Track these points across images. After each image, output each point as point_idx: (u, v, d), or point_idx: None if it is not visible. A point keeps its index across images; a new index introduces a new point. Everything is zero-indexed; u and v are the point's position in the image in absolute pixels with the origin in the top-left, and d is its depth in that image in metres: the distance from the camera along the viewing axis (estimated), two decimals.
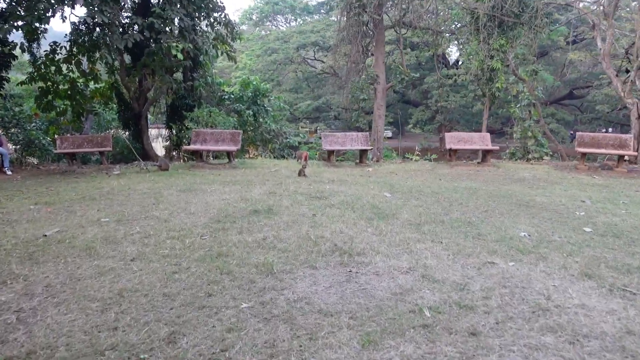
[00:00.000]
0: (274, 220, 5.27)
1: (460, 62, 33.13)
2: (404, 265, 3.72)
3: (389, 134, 46.56)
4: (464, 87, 29.68)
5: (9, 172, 10.86)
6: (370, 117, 36.31)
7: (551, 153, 17.07)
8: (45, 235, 4.65)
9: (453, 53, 39.29)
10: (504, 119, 33.29)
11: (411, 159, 13.68)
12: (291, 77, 40.15)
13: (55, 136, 11.59)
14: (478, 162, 12.17)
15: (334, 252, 4.07)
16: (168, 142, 16.09)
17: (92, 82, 14.87)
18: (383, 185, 8.12)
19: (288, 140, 18.06)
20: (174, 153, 16.17)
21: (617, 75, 13.42)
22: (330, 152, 11.58)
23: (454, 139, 12.14)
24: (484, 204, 6.54)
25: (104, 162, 11.56)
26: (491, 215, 5.76)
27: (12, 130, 15.23)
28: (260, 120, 17.57)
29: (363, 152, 11.63)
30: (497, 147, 12.59)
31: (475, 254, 4.03)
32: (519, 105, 15.80)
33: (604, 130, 32.85)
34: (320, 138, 18.13)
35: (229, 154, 11.09)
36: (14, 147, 15.79)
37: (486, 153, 12.00)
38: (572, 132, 37.85)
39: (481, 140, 12.17)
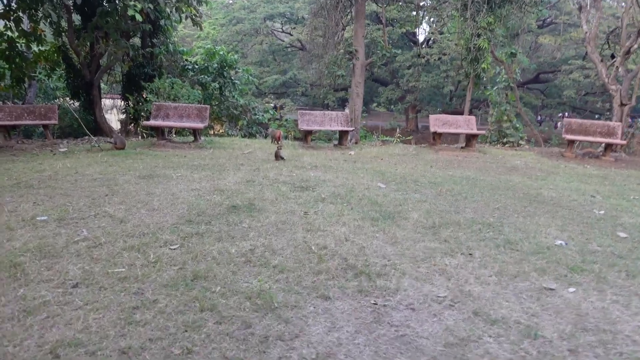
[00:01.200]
0: (259, 221, 4.30)
1: (430, 41, 32.52)
2: (442, 293, 2.88)
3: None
4: (436, 67, 29.13)
5: None
6: (339, 95, 35.35)
7: (526, 138, 16.75)
8: None
9: (422, 32, 38.66)
10: (475, 101, 33.23)
11: (391, 142, 12.89)
12: (257, 49, 38.28)
13: None
14: (461, 147, 11.54)
15: (347, 272, 3.16)
16: (124, 115, 14.53)
17: (36, 44, 13.07)
18: (372, 174, 7.25)
19: (257, 116, 16.83)
20: (131, 127, 14.68)
21: (601, 61, 13.03)
22: (308, 133, 10.59)
23: (439, 122, 11.40)
24: (491, 198, 5.80)
25: (49, 137, 10.08)
26: (507, 214, 5.02)
27: None
28: (227, 94, 16.24)
29: (343, 134, 10.70)
30: (483, 132, 11.99)
31: (523, 275, 3.23)
32: (495, 87, 15.29)
33: (567, 115, 33.37)
34: (280, 113, 17.21)
35: (195, 132, 9.88)
36: None
37: (471, 137, 11.37)
38: (540, 116, 38.41)
39: (466, 124, 11.50)
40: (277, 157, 7.99)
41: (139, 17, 10.84)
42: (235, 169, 7.00)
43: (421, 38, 36.60)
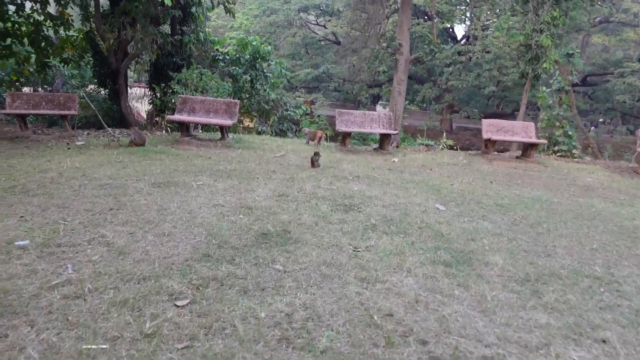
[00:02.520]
0: (296, 260, 3.28)
1: (470, 38, 30.78)
2: None
3: (386, 108, 44.57)
4: (478, 66, 27.45)
5: None
6: (373, 91, 34.06)
7: (579, 146, 15.19)
8: None
9: (462, 28, 36.93)
10: (516, 103, 31.38)
11: (434, 147, 11.68)
12: (289, 42, 37.28)
13: (6, 92, 9.29)
14: (517, 157, 10.26)
15: None
16: (151, 105, 13.79)
17: (62, 29, 12.45)
18: (425, 189, 6.15)
19: (289, 112, 15.86)
20: (157, 119, 13.93)
21: None
22: (346, 135, 9.52)
23: (492, 128, 10.16)
24: (581, 233, 4.62)
25: (67, 128, 9.36)
26: (613, 261, 3.85)
27: None
28: (258, 87, 15.32)
29: (385, 137, 9.59)
30: (543, 141, 10.67)
31: None
32: (548, 89, 13.84)
33: (610, 121, 31.20)
34: (311, 108, 16.13)
35: (222, 129, 8.96)
36: None
37: (529, 147, 10.08)
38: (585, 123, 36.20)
39: (524, 131, 10.21)
40: (314, 164, 6.97)
41: (168, 2, 10.00)
42: (266, 177, 6.02)
43: (460, 34, 34.92)
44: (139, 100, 19.23)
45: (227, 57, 15.15)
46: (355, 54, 31.42)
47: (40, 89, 15.15)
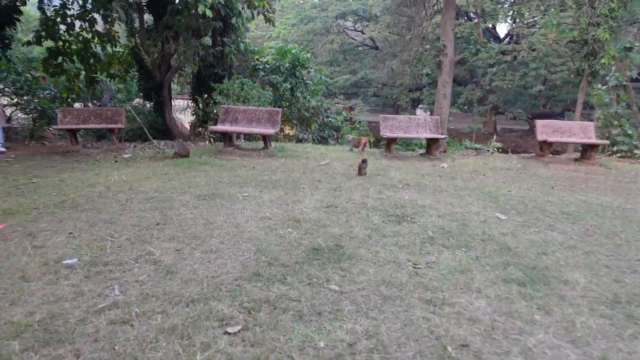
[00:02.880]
0: (352, 279, 3.03)
1: (514, 37, 29.64)
2: None
3: (426, 112, 43.68)
4: (524, 65, 26.34)
5: (2, 149, 8.98)
6: (413, 95, 33.43)
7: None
8: None
9: (505, 26, 35.73)
10: (565, 102, 29.86)
11: (484, 151, 11.12)
12: (327, 49, 37.22)
13: (57, 109, 9.59)
14: (576, 159, 9.59)
15: None
16: (194, 116, 13.97)
17: (109, 46, 12.85)
18: (482, 197, 5.75)
19: (329, 119, 15.67)
20: (200, 130, 14.08)
21: None
22: (392, 140, 9.20)
23: (548, 129, 9.54)
24: None
25: (114, 142, 9.54)
26: None
27: (25, 97, 13.50)
28: (298, 94, 15.24)
29: (432, 142, 9.20)
30: (605, 142, 9.94)
31: None
32: (604, 87, 12.97)
33: None
34: (350, 114, 15.82)
35: (265, 138, 8.85)
36: (29, 116, 14.13)
37: (589, 148, 9.40)
38: None
39: (582, 132, 9.54)
40: (361, 171, 6.70)
41: (209, 13, 10.05)
42: (312, 187, 5.80)
43: (502, 33, 33.75)
44: (182, 112, 19.64)
45: (267, 66, 15.17)
46: (395, 58, 30.99)
47: (89, 104, 15.70)
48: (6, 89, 13.27)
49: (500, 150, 12.43)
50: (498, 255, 3.63)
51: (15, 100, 13.56)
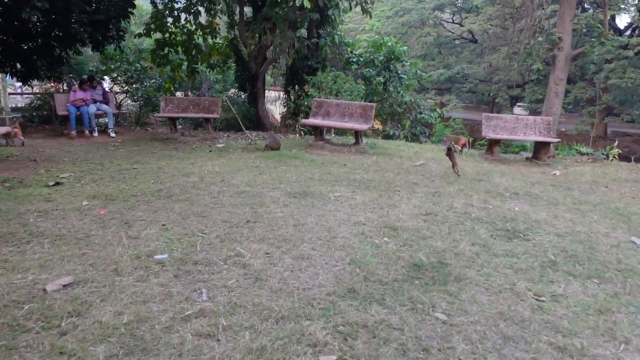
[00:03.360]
0: (462, 308, 2.59)
1: (635, 30, 26.21)
2: None
3: (524, 111, 40.59)
4: None
5: (113, 134, 9.62)
6: (512, 92, 31.14)
7: None
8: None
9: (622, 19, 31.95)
10: None
11: (599, 157, 9.81)
12: (421, 42, 35.90)
13: (160, 97, 10.06)
14: None
15: None
16: (285, 109, 14.05)
17: (210, 37, 13.28)
18: (607, 213, 4.92)
19: (422, 115, 14.93)
20: (290, 121, 14.12)
21: None
22: (495, 142, 8.40)
23: None
24: None
25: (210, 131, 9.81)
26: None
27: (134, 86, 14.50)
28: (391, 89, 14.69)
29: (542, 146, 8.24)
30: None
31: None
32: None
33: None
34: (441, 109, 14.80)
35: (357, 133, 8.53)
36: (136, 103, 15.17)
37: None
38: None
39: None
40: (455, 167, 6.14)
41: (307, 4, 9.90)
42: (408, 189, 5.36)
43: (622, 24, 30.09)
44: (273, 103, 20.00)
45: (361, 59, 14.80)
46: (495, 52, 28.97)
47: (189, 93, 16.49)
48: (118, 78, 14.31)
49: (619, 157, 10.93)
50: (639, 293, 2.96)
51: (126, 88, 14.60)
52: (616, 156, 9.28)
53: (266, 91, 15.57)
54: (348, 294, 2.69)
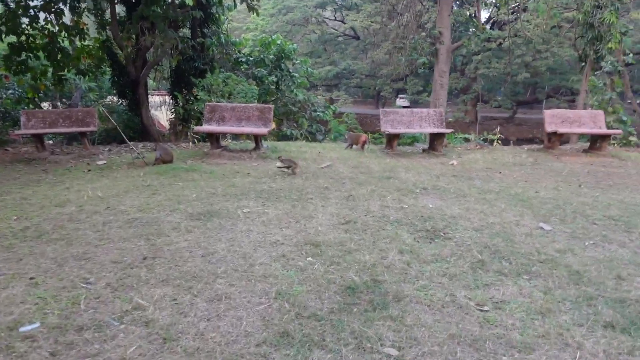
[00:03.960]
0: (410, 336, 2.30)
1: (494, 24, 29.21)
2: None
3: (406, 102, 43.29)
4: (509, 53, 25.87)
5: None
6: (396, 86, 32.89)
7: (634, 132, 13.74)
8: None
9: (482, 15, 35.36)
10: (549, 89, 29.72)
11: (484, 144, 10.49)
12: (306, 40, 36.26)
13: (21, 111, 8.56)
14: (585, 150, 9.08)
15: None
16: (173, 115, 12.99)
17: (78, 39, 11.73)
18: (510, 200, 5.10)
19: (317, 113, 14.87)
20: (180, 127, 13.11)
21: None
22: (394, 137, 8.49)
23: (557, 119, 8.99)
24: None
25: (86, 147, 8.57)
26: None
27: None
28: (283, 88, 14.40)
29: (437, 137, 8.53)
30: (618, 131, 9.45)
31: None
32: (596, 72, 12.55)
33: None
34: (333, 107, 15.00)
35: (256, 138, 8.04)
36: None
37: (599, 138, 8.89)
38: None
39: (592, 121, 9.02)
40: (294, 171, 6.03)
41: (189, 1, 9.15)
42: (321, 196, 5.05)
43: (482, 19, 33.35)
44: (158, 109, 18.53)
45: (250, 59, 14.26)
46: (377, 47, 30.26)
47: (59, 103, 14.53)
48: None
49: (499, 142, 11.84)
50: (571, 284, 2.96)
51: None
52: (498, 140, 9.99)
53: (150, 96, 14.28)
54: (281, 339, 2.25)
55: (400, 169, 6.79)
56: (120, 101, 14.49)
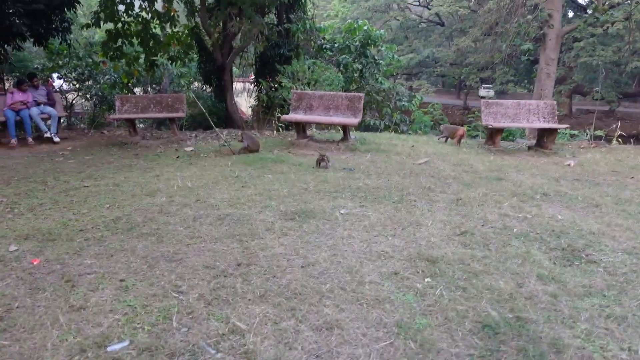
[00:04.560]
0: None
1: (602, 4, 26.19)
2: None
3: (491, 92, 40.68)
4: (618, 39, 23.14)
5: (56, 139, 8.28)
6: (483, 75, 30.86)
7: None
8: None
9: None
10: None
11: (604, 143, 9.17)
12: (387, 26, 35.12)
13: (115, 96, 8.77)
14: None
15: None
16: (257, 102, 12.89)
17: (169, 26, 11.93)
18: None
19: (402, 103, 14.08)
20: (262, 115, 13.01)
21: None
22: (497, 131, 7.61)
23: None
24: None
25: (175, 132, 8.61)
26: None
27: (86, 83, 13.01)
28: (367, 76, 13.77)
29: (548, 133, 7.51)
30: None
31: None
32: None
33: None
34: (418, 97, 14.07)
35: (345, 129, 7.57)
36: (90, 102, 13.70)
37: None
38: None
39: None
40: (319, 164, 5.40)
41: None
42: (425, 198, 4.45)
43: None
44: (239, 95, 18.71)
45: (335, 45, 13.78)
46: (464, 34, 28.50)
47: (149, 88, 15.07)
48: (68, 75, 12.79)
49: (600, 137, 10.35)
50: None
51: (77, 86, 13.11)
52: (619, 139, 8.69)
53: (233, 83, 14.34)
54: None
55: (509, 169, 5.98)
56: (205, 87, 14.73)
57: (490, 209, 4.15)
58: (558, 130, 7.75)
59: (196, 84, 16.13)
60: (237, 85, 19.27)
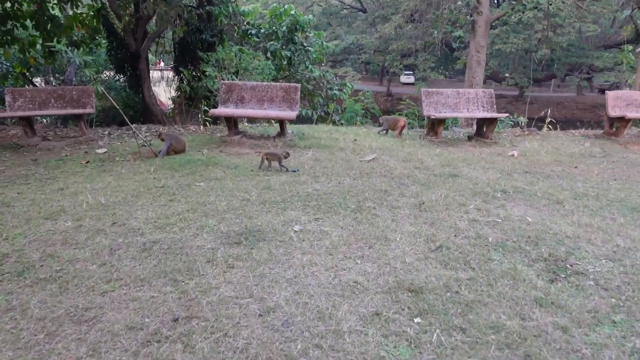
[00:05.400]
0: None
1: None
2: None
3: (411, 79, 41.77)
4: (529, 27, 24.45)
5: None
6: (405, 61, 31.36)
7: None
8: None
9: None
10: (569, 65, 28.36)
11: (533, 130, 9.33)
12: (310, 12, 34.52)
13: (6, 89, 7.35)
14: None
15: None
16: (178, 94, 11.75)
17: (70, 7, 10.40)
18: (620, 208, 4.05)
19: (333, 92, 13.63)
20: (185, 107, 11.90)
21: None
22: (439, 122, 7.36)
23: (621, 102, 7.87)
24: None
25: (82, 131, 7.41)
26: None
27: None
28: (297, 64, 13.14)
29: (488, 123, 7.40)
30: None
31: None
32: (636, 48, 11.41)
33: None
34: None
35: (282, 123, 6.90)
36: None
37: None
38: None
39: None
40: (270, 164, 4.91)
41: None
42: (384, 205, 3.96)
43: None
44: (156, 84, 17.19)
45: (262, 31, 12.95)
46: (387, 21, 28.68)
47: (52, 78, 13.26)
48: None
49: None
50: None
51: None
52: (549, 125, 8.88)
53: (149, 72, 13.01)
54: None
55: (459, 163, 5.70)
56: (118, 77, 13.25)
57: (456, 213, 3.76)
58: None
59: (106, 72, 14.49)
60: (155, 74, 17.70)
